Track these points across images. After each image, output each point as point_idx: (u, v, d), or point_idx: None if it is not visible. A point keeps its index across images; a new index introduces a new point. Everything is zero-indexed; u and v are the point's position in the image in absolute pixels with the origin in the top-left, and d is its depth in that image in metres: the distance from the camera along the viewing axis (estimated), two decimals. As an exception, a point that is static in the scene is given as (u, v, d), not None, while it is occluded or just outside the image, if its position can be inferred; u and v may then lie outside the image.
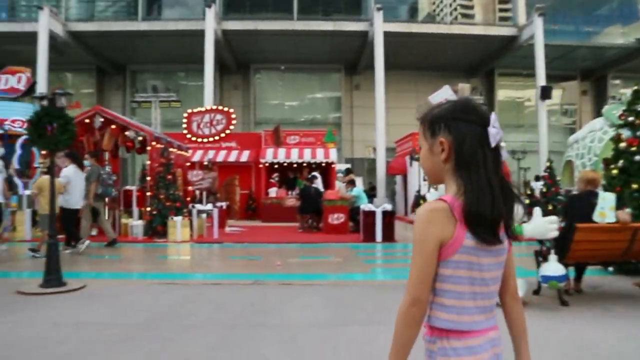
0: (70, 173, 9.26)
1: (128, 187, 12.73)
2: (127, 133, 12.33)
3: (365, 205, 11.83)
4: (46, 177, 9.23)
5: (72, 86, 30.12)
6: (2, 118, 16.22)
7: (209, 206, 12.60)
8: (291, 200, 16.58)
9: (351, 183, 13.73)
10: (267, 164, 17.72)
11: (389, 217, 11.46)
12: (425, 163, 1.40)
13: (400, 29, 24.84)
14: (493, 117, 1.30)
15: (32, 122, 6.37)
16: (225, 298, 5.77)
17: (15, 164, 13.30)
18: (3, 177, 9.11)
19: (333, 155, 17.77)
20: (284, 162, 17.71)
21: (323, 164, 17.60)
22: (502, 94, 30.77)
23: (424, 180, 12.37)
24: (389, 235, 11.36)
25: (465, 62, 28.74)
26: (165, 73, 28.97)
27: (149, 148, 12.25)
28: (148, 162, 12.30)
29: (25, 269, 7.93)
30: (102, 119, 12.27)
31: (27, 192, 12.02)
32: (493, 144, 1.28)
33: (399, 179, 21.70)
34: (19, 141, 13.58)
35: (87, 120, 12.34)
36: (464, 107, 1.33)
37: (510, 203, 1.31)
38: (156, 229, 11.52)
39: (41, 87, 23.56)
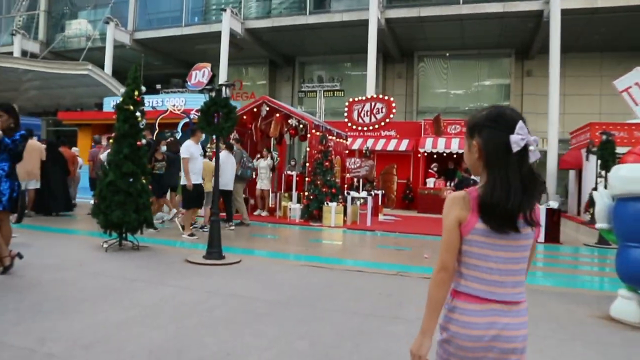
0: (222, 157, 9.99)
1: (289, 172, 13.46)
2: (290, 121, 13.02)
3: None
4: (206, 160, 10.14)
5: (248, 78, 32.91)
6: (188, 108, 18.37)
7: (364, 194, 12.76)
8: (449, 191, 15.99)
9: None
10: (425, 154, 17.33)
11: (555, 215, 10.41)
12: (466, 158, 1.73)
13: (582, 5, 22.18)
14: (519, 125, 1.55)
15: (202, 111, 7.06)
16: (365, 286, 5.77)
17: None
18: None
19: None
20: (444, 152, 17.15)
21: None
22: None
23: (599, 177, 10.95)
24: (553, 236, 10.33)
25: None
26: (331, 64, 29.96)
27: (309, 135, 12.80)
28: (308, 149, 12.86)
29: (198, 241, 8.89)
30: (267, 108, 13.12)
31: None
32: (514, 150, 1.54)
33: (572, 174, 19.62)
34: (180, 125, 15.27)
35: (254, 109, 13.31)
36: (495, 116, 1.62)
37: (531, 198, 1.56)
38: (312, 213, 12.02)
39: (222, 77, 26.20)
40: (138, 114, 7.37)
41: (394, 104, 18.36)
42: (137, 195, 7.35)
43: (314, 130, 12.83)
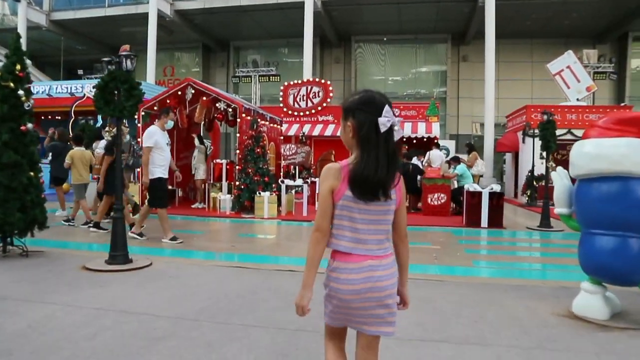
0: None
1: (218, 161, 12.31)
2: (217, 105, 11.87)
3: (469, 185, 10.36)
4: (78, 149, 9.31)
5: (181, 65, 31.09)
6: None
7: (299, 182, 11.84)
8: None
9: (455, 160, 12.23)
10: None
11: (497, 199, 9.92)
12: (342, 137, 1.96)
13: (516, -9, 22.18)
14: (386, 108, 1.80)
15: (99, 87, 5.85)
16: (297, 289, 4.85)
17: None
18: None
19: (436, 129, 16.22)
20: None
21: (424, 139, 16.13)
22: (638, 62, 26.80)
23: (541, 158, 10.58)
24: (496, 221, 9.84)
25: (591, 26, 25.24)
26: (268, 48, 28.75)
27: (239, 120, 11.70)
28: (238, 135, 11.77)
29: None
30: (193, 91, 11.90)
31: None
32: (382, 130, 1.79)
33: (508, 157, 19.59)
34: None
35: (179, 93, 12.05)
36: (366, 100, 1.85)
37: (393, 173, 1.85)
38: (243, 204, 11.00)
39: (151, 66, 24.42)
40: (21, 92, 6.05)
41: (330, 88, 17.52)
42: (22, 190, 6.07)
43: (244, 115, 11.75)
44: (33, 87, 6.57)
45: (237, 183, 11.27)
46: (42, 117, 17.14)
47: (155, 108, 12.28)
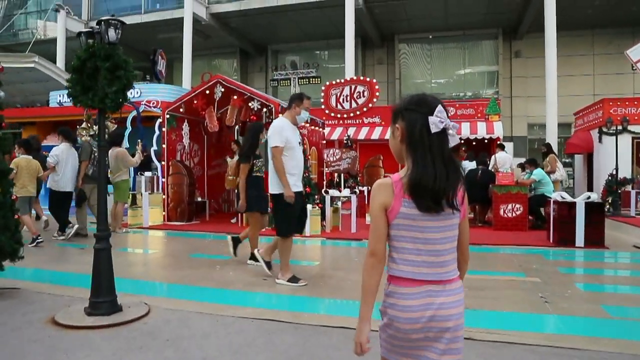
0: (59, 152, 8.28)
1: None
2: (251, 104, 10.14)
3: (557, 194, 8.19)
4: (24, 157, 7.83)
5: (218, 71, 29.80)
6: (137, 100, 15.34)
7: (347, 192, 9.94)
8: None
9: (531, 163, 10.05)
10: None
11: (596, 212, 7.72)
12: (390, 144, 1.69)
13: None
14: (438, 108, 1.55)
15: (74, 68, 4.14)
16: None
17: (154, 145, 12.02)
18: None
19: (498, 129, 14.01)
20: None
21: (485, 140, 13.95)
22: None
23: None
24: (595, 238, 7.64)
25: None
26: (307, 51, 27.08)
27: (274, 121, 9.94)
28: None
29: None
30: (222, 89, 10.22)
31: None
32: (433, 130, 1.53)
33: (578, 159, 17.08)
34: (157, 122, 12.31)
35: (207, 92, 10.40)
36: (417, 100, 1.60)
37: (453, 181, 1.55)
38: (281, 220, 9.20)
39: (187, 73, 23.14)
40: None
41: (377, 86, 15.60)
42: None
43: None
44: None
45: (274, 194, 9.49)
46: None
47: (180, 110, 10.66)
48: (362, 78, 16.29)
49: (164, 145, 10.65)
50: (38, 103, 20.96)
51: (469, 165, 12.29)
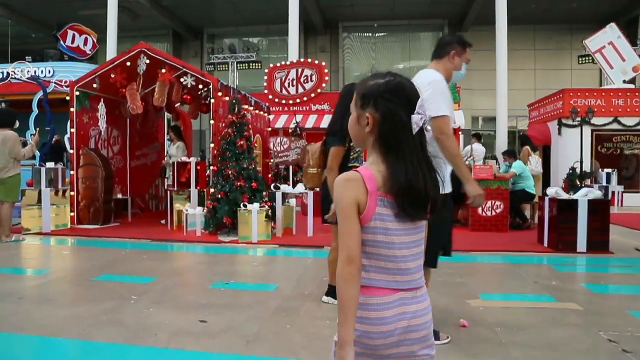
0: None
1: (184, 159, 8.51)
2: (182, 80, 8.09)
3: (554, 190, 6.84)
4: None
5: (149, 54, 26.98)
6: (47, 80, 12.74)
7: (301, 187, 8.13)
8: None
9: (509, 155, 8.72)
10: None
11: (601, 211, 6.45)
12: (352, 129, 1.41)
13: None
14: (419, 103, 1.28)
15: None
16: None
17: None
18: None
19: (460, 118, 12.73)
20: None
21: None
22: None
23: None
24: (599, 242, 6.37)
25: (598, 9, 22.18)
26: (245, 35, 24.89)
27: (212, 101, 7.95)
28: (212, 122, 7.99)
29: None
30: (147, 61, 8.11)
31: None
32: (415, 130, 1.27)
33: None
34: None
35: (128, 64, 8.24)
36: (395, 89, 1.30)
37: (437, 184, 1.31)
38: (221, 222, 7.30)
39: (111, 53, 20.29)
40: None
41: (326, 70, 13.90)
42: None
43: (220, 94, 8.02)
44: None
45: (212, 191, 7.55)
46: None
47: (94, 86, 8.42)
48: (310, 61, 14.54)
49: (73, 130, 8.37)
50: None
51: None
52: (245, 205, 7.09)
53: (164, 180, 10.12)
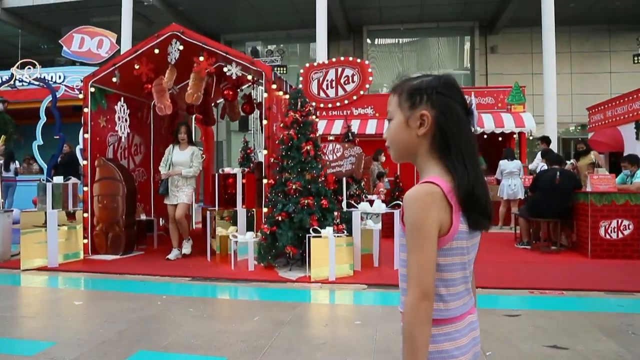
0: None
1: (227, 170, 6.57)
2: (226, 70, 6.19)
3: None
4: None
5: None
6: (57, 85, 10.92)
7: (381, 205, 6.12)
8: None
9: (633, 162, 6.76)
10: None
11: None
12: (398, 136, 1.15)
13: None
14: (472, 98, 1.17)
15: None
16: None
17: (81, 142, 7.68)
18: None
19: (529, 121, 10.79)
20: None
21: (514, 135, 10.67)
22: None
23: None
24: None
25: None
26: (265, 42, 23.15)
27: (266, 96, 6.02)
28: (265, 122, 6.03)
29: None
30: (181, 47, 6.23)
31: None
32: (474, 129, 1.13)
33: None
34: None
35: (156, 51, 6.35)
36: (448, 84, 1.13)
37: (488, 190, 1.13)
38: (281, 252, 5.37)
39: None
40: None
41: (369, 69, 12.03)
42: None
43: (274, 86, 6.12)
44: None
45: (266, 211, 5.62)
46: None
47: (114, 81, 6.53)
48: (351, 59, 12.69)
49: (87, 135, 6.47)
50: None
51: (508, 165, 8.96)
52: (316, 230, 5.15)
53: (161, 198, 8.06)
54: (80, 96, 6.57)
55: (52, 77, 13.42)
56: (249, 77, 6.25)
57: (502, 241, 7.68)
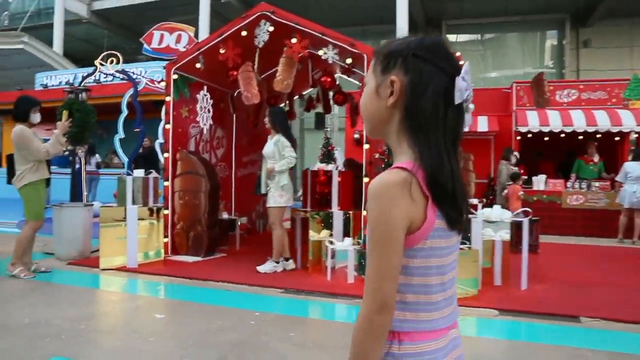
0: None
1: (320, 167, 5.75)
2: (322, 53, 5.38)
3: None
4: None
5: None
6: (138, 79, 10.66)
7: (503, 211, 5.06)
8: (582, 195, 8.56)
9: None
10: (520, 136, 9.79)
11: None
12: (367, 106, 0.97)
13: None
14: (466, 67, 0.92)
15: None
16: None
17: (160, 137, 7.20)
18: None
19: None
20: (560, 132, 9.42)
21: (631, 135, 9.10)
22: None
23: None
24: None
25: None
26: (339, 39, 22.40)
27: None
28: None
29: None
30: (271, 28, 5.49)
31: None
32: (458, 101, 0.89)
33: None
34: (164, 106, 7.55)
35: (243, 33, 5.66)
36: (432, 46, 0.92)
37: (461, 184, 0.92)
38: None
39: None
40: None
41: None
42: None
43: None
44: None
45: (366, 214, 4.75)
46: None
47: (197, 66, 5.91)
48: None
49: (168, 126, 5.90)
50: (18, 86, 16.27)
51: (635, 169, 7.55)
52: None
53: (258, 198, 7.40)
54: (161, 86, 6.04)
55: (132, 73, 13.37)
56: (349, 61, 5.39)
57: (633, 258, 6.36)
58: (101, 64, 9.21)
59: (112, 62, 9.40)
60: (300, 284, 4.54)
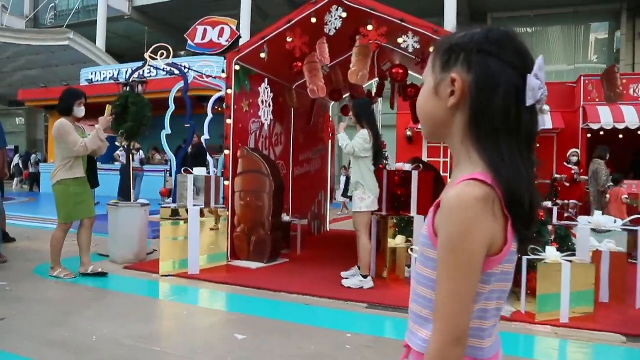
0: None
1: (397, 166, 5.22)
2: (401, 41, 4.84)
3: None
4: None
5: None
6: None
7: (611, 220, 4.42)
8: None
9: None
10: (591, 133, 9.03)
11: None
12: (424, 106, 0.86)
13: None
14: (539, 62, 0.77)
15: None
16: None
17: (206, 133, 6.79)
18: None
19: None
20: (638, 128, 8.63)
21: None
22: None
23: None
24: None
25: None
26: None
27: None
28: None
29: None
30: (344, 14, 4.99)
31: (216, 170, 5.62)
32: (530, 102, 0.76)
33: None
34: (212, 100, 7.09)
35: (313, 20, 5.17)
36: (500, 39, 0.79)
37: (537, 193, 0.79)
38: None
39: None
40: None
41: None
42: None
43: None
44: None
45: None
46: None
47: (262, 56, 5.45)
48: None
49: (229, 121, 5.47)
50: (64, 82, 16.27)
51: None
52: (535, 250, 3.64)
53: (314, 199, 7.00)
54: (209, 80, 5.63)
55: (183, 66, 13.17)
56: (431, 49, 4.85)
57: None
58: (151, 57, 8.87)
59: (162, 55, 9.09)
60: (384, 298, 4.04)
